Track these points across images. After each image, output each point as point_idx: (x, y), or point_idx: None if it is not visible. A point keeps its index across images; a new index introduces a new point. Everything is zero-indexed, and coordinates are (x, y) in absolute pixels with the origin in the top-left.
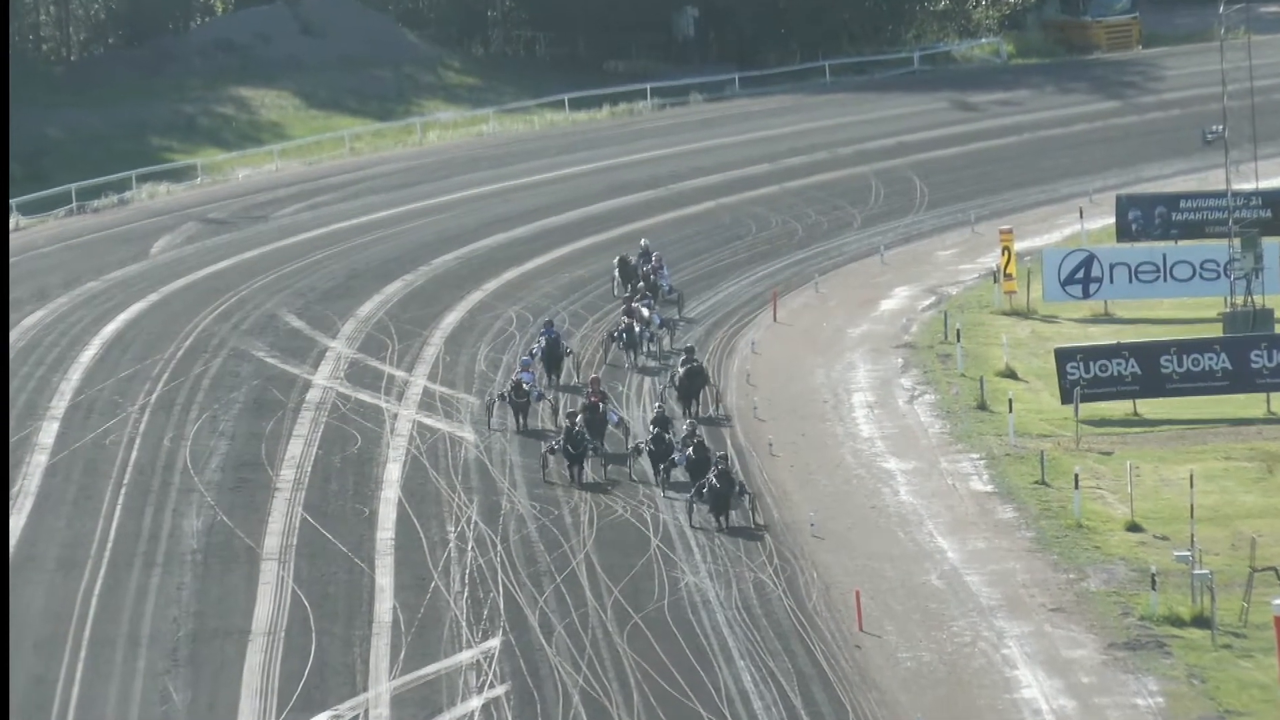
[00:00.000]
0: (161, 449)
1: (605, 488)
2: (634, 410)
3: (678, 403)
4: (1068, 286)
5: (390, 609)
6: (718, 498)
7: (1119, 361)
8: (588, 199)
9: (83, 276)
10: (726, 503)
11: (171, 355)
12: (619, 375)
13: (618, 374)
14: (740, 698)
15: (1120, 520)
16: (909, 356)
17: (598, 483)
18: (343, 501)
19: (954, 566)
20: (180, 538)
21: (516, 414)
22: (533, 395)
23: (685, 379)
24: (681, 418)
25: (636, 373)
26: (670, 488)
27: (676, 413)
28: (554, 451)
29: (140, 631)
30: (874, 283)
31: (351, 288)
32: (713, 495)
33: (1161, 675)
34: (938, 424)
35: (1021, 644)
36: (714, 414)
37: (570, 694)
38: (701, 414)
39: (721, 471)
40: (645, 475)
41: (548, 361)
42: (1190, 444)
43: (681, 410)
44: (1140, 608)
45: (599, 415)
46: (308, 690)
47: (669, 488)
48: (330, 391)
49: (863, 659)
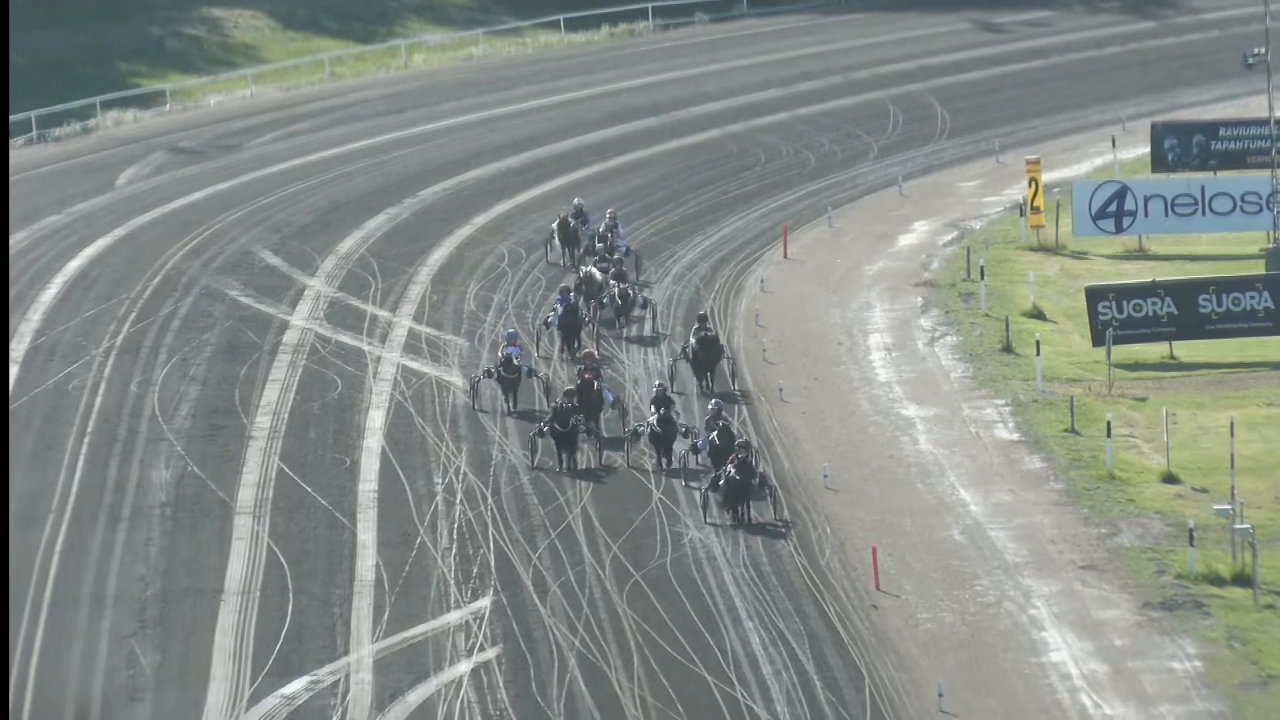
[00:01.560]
0: (128, 395)
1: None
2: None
3: (692, 376)
4: (1099, 220)
5: (373, 567)
6: (735, 490)
7: (1154, 301)
8: (584, 127)
9: (43, 210)
10: (745, 496)
11: (139, 294)
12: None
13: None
14: (748, 661)
15: (1155, 471)
16: (929, 295)
17: (592, 470)
18: (322, 451)
19: (977, 521)
20: (148, 490)
21: (506, 392)
22: (523, 371)
23: (699, 350)
24: (700, 394)
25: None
26: (688, 476)
27: (688, 389)
28: (542, 434)
29: (105, 591)
30: (891, 216)
31: (331, 222)
32: (729, 488)
33: (1200, 637)
34: (960, 368)
35: (1049, 604)
36: (732, 390)
37: (566, 657)
38: (718, 389)
39: (741, 461)
40: (640, 461)
41: (565, 331)
42: (1230, 389)
43: (697, 385)
44: (1177, 565)
45: (594, 394)
46: (284, 654)
47: (689, 477)
48: (309, 333)
49: (879, 620)
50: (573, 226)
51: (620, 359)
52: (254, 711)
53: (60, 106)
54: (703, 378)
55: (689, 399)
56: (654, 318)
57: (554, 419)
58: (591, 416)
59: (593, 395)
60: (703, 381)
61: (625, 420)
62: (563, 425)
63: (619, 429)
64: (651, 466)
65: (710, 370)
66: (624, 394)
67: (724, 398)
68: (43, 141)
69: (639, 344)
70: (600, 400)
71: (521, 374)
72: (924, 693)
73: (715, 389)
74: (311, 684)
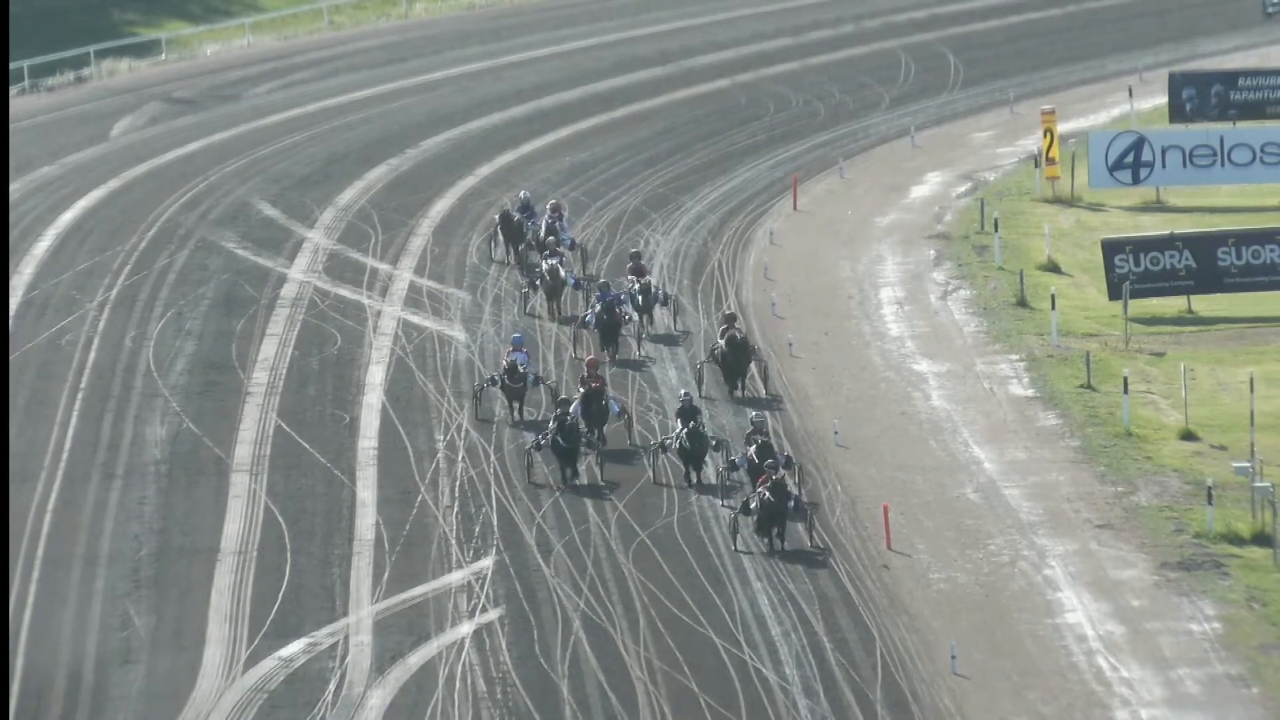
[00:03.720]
0: (122, 350)
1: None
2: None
3: (723, 382)
4: (1116, 172)
5: (373, 525)
6: (769, 514)
7: (1172, 254)
8: (590, 76)
9: (36, 161)
10: (780, 520)
11: (133, 247)
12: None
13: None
14: (756, 622)
15: (1173, 428)
16: (942, 248)
17: (594, 486)
18: (321, 407)
19: (991, 479)
20: (142, 447)
21: (511, 401)
22: (529, 379)
23: (729, 353)
24: (729, 399)
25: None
26: (724, 494)
27: (715, 395)
28: (540, 447)
29: (98, 550)
30: (904, 168)
31: (331, 173)
32: (763, 511)
33: (1218, 598)
34: (973, 322)
35: (1065, 564)
36: (764, 395)
37: (570, 618)
38: (749, 395)
39: (775, 483)
40: (662, 475)
41: (604, 332)
42: (1250, 344)
43: (729, 391)
44: (1195, 524)
45: (601, 405)
46: (282, 615)
47: (725, 495)
48: (307, 286)
49: (891, 580)
50: (517, 220)
51: (655, 361)
52: (251, 674)
53: (54, 56)
54: (733, 383)
55: (718, 406)
56: (676, 314)
57: (557, 432)
58: (596, 428)
59: (600, 406)
60: (733, 388)
61: (630, 433)
62: (567, 440)
63: (623, 441)
64: (681, 484)
65: (741, 375)
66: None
67: (756, 404)
68: (36, 91)
69: (667, 344)
70: (607, 412)
71: (528, 382)
72: (936, 655)
73: (746, 395)
74: (309, 646)
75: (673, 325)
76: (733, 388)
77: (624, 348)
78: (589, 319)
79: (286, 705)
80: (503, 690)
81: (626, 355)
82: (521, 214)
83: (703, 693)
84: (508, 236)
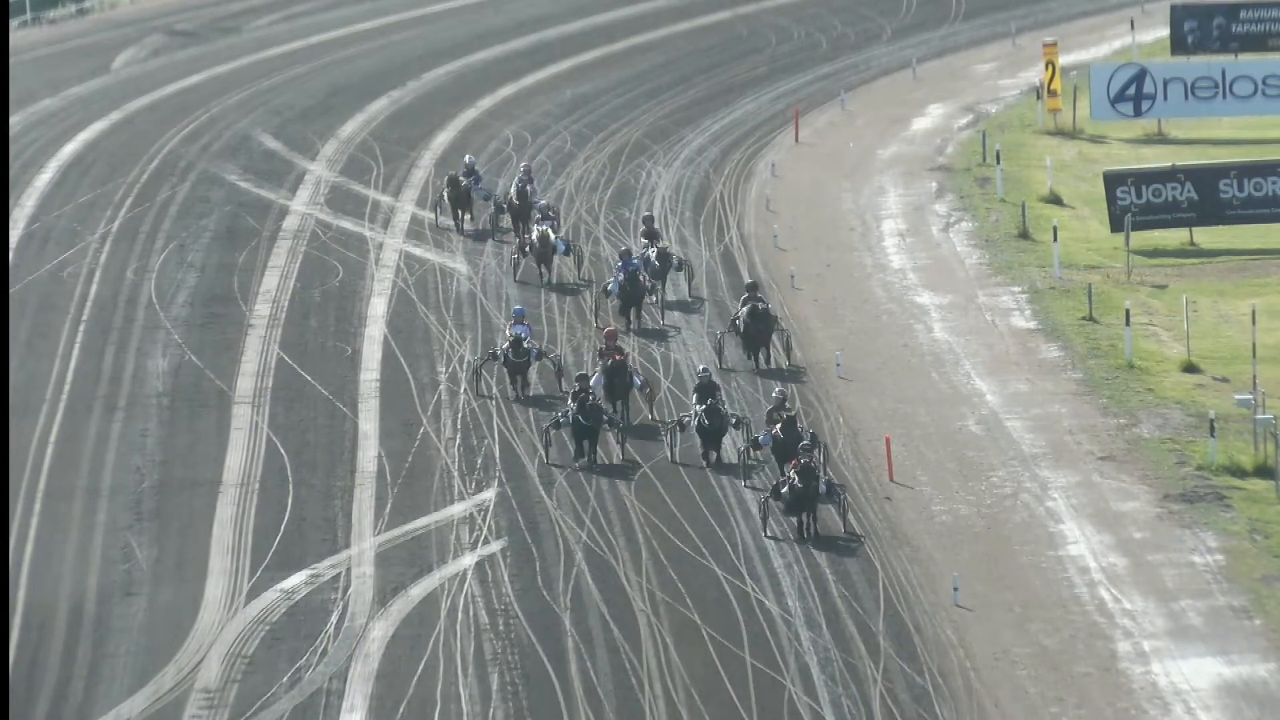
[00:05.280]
0: (124, 282)
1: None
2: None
3: (741, 351)
4: (1118, 104)
5: (375, 458)
6: (799, 499)
7: (1174, 186)
8: (591, 8)
9: (38, 94)
10: (810, 505)
11: (135, 179)
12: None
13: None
14: (759, 554)
15: (1175, 360)
16: (944, 180)
17: (613, 465)
18: (323, 339)
19: (993, 411)
20: (144, 380)
21: (514, 377)
22: (533, 354)
23: (750, 323)
24: (753, 370)
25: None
26: (746, 474)
27: (737, 365)
28: (559, 426)
29: (100, 483)
30: (905, 100)
31: (332, 105)
32: (793, 496)
33: (1221, 530)
34: (975, 254)
35: (1067, 496)
36: (788, 366)
37: (572, 550)
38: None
39: (804, 467)
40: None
41: (625, 300)
42: (1252, 276)
43: (750, 362)
44: (1197, 456)
45: (624, 378)
46: (284, 547)
47: (747, 475)
48: (309, 219)
49: (893, 512)
50: (464, 185)
51: (676, 331)
52: (253, 605)
53: None
54: (754, 355)
55: (739, 378)
56: (690, 280)
57: (578, 410)
58: (619, 401)
59: (623, 379)
60: (755, 361)
61: (651, 406)
62: (587, 418)
63: (641, 415)
64: (701, 463)
65: (764, 346)
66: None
67: (779, 376)
68: (37, 24)
69: (683, 311)
70: (630, 385)
71: (531, 357)
72: (939, 586)
73: (770, 367)
74: (311, 578)
75: (688, 291)
76: (755, 359)
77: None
78: (611, 287)
79: (288, 637)
80: (505, 622)
81: (647, 325)
82: (468, 178)
83: (705, 624)
84: (454, 202)
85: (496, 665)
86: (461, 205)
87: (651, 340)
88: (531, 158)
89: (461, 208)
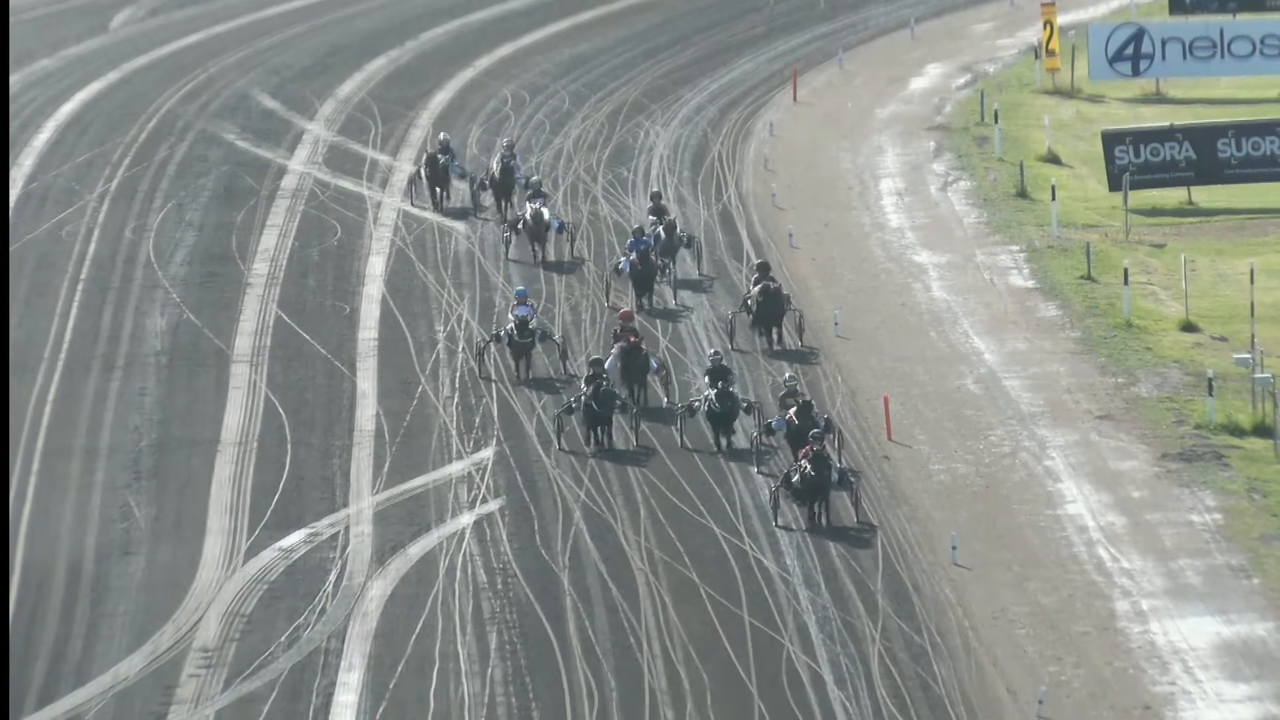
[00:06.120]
0: (122, 241)
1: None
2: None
3: (752, 331)
4: (1116, 64)
5: (373, 416)
6: (810, 488)
7: (1172, 145)
8: None
9: (36, 53)
10: (822, 494)
11: (134, 139)
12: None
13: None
14: (757, 513)
15: (1174, 319)
16: (942, 139)
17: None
18: (321, 298)
19: (991, 370)
20: (143, 338)
21: (518, 359)
22: (538, 335)
23: (762, 302)
24: (767, 349)
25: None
26: (759, 460)
27: (753, 346)
28: (572, 411)
29: (99, 441)
30: (904, 59)
31: (331, 64)
32: (804, 485)
33: (1219, 489)
34: (973, 213)
35: (1066, 455)
36: (800, 347)
37: (571, 509)
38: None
39: (816, 455)
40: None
41: (638, 281)
42: (1250, 235)
43: (762, 343)
44: (1196, 415)
45: (639, 361)
46: (282, 506)
47: (760, 461)
48: (307, 178)
49: (891, 471)
50: (442, 163)
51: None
52: (251, 564)
53: None
54: (768, 335)
55: (752, 359)
56: (699, 257)
57: (591, 397)
58: (636, 384)
59: (639, 361)
60: (768, 341)
61: (669, 389)
62: (601, 404)
63: (656, 400)
64: (712, 449)
65: (775, 326)
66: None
67: (790, 358)
68: None
69: (693, 290)
70: (646, 368)
71: (536, 338)
72: (937, 545)
73: (775, 346)
74: (310, 536)
75: (697, 268)
76: (767, 340)
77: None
78: (623, 266)
79: (287, 596)
80: (503, 581)
81: (660, 305)
82: (444, 156)
83: (703, 583)
84: (431, 180)
85: (495, 624)
86: (439, 183)
87: (664, 320)
88: (529, 117)
89: (439, 186)
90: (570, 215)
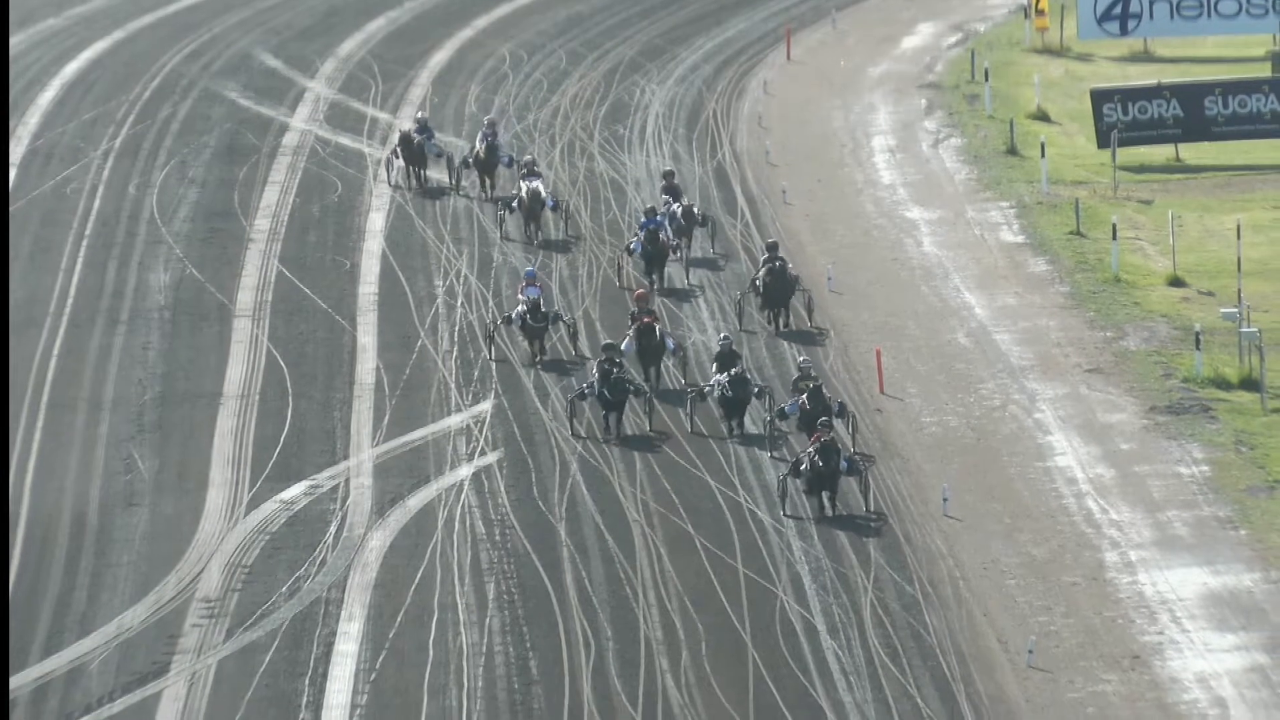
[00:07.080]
0: (126, 197)
1: (596, 240)
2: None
3: (760, 313)
4: (1104, 23)
5: (373, 370)
6: (819, 477)
7: (1159, 103)
8: None
9: (40, 12)
10: (831, 483)
11: (137, 97)
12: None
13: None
14: (751, 466)
15: (1161, 274)
16: (933, 97)
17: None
18: (322, 253)
19: (982, 324)
20: (146, 293)
21: (531, 340)
22: (550, 317)
23: (770, 282)
24: (772, 332)
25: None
26: (773, 445)
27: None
28: (585, 396)
29: (102, 395)
30: (896, 18)
31: (331, 24)
32: (813, 474)
33: (1206, 442)
34: (964, 170)
35: (1055, 407)
36: (809, 328)
37: (568, 462)
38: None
39: (825, 444)
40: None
41: (649, 259)
42: (1237, 192)
43: (771, 324)
44: (1183, 369)
45: (655, 342)
46: (284, 458)
47: (774, 446)
48: (308, 135)
49: (883, 423)
50: (417, 142)
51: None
52: (253, 516)
53: None
54: (775, 316)
55: (759, 340)
56: (714, 236)
57: (602, 383)
58: (652, 366)
59: (654, 342)
60: (776, 323)
61: (686, 371)
62: (613, 391)
63: (673, 382)
64: (724, 434)
65: (784, 307)
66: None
67: (799, 339)
68: None
69: (708, 268)
70: (661, 348)
71: (548, 320)
72: (928, 497)
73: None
74: (310, 488)
75: (711, 248)
76: (775, 321)
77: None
78: (634, 247)
79: (288, 547)
80: (501, 532)
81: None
82: (420, 135)
83: (698, 534)
84: (408, 159)
85: (493, 575)
86: (415, 162)
87: (676, 301)
88: (527, 75)
89: (416, 164)
90: (567, 171)
